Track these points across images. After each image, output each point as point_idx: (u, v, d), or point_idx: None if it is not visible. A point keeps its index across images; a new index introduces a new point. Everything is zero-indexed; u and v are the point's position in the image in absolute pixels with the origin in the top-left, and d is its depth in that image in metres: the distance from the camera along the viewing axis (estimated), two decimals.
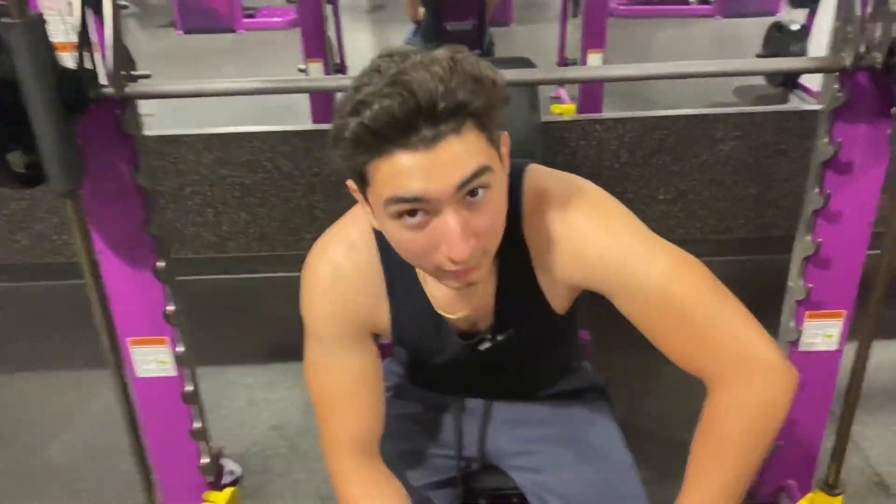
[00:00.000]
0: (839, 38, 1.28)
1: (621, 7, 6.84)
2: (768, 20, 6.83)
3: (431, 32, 3.48)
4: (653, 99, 4.51)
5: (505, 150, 0.83)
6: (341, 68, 4.53)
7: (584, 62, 3.61)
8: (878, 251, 1.40)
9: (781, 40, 4.60)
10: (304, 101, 4.04)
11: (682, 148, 2.78)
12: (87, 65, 1.18)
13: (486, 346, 1.01)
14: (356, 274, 0.96)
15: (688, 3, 7.09)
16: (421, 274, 0.97)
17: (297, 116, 4.32)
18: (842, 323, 1.57)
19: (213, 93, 1.25)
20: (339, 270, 0.96)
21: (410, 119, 0.71)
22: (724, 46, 6.33)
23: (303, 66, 4.26)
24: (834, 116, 1.37)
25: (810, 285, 1.50)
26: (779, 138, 2.75)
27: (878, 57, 1.22)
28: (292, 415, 2.20)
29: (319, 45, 3.57)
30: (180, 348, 1.57)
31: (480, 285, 0.94)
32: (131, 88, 1.25)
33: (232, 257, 2.90)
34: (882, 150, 1.38)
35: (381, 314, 1.00)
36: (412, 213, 0.77)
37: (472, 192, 0.76)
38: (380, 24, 7.04)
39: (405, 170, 0.73)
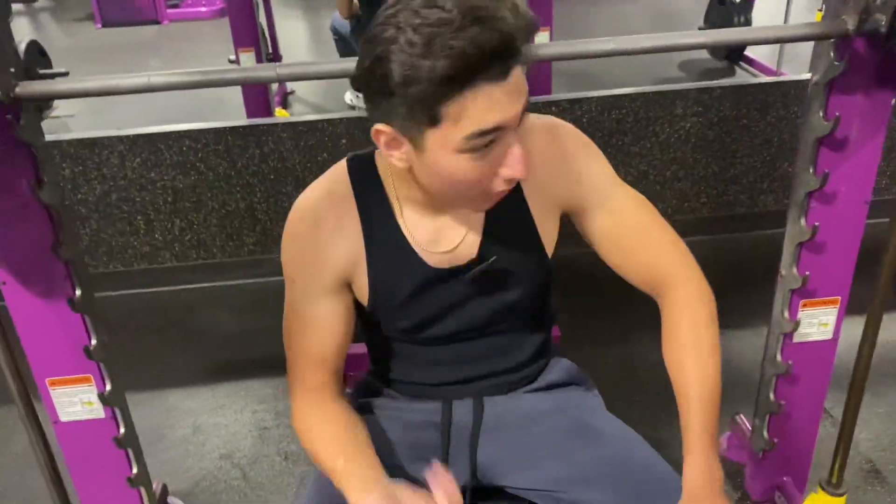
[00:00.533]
0: (837, 3, 1.15)
1: None
2: None
3: (373, 18, 3.27)
4: (599, 78, 4.40)
5: None
6: (274, 58, 4.30)
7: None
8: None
9: (724, 13, 4.54)
10: (236, 95, 3.81)
11: (641, 127, 2.66)
12: None
13: (469, 274, 1.01)
14: (333, 219, 0.99)
15: None
16: (399, 214, 0.99)
17: (229, 112, 4.07)
18: (837, 310, 1.46)
19: (125, 89, 1.05)
20: (316, 217, 0.99)
21: (499, 54, 0.75)
22: (666, 21, 6.27)
23: (233, 57, 4.01)
24: (830, 88, 1.24)
25: (806, 273, 1.38)
26: (739, 112, 2.66)
27: (882, 19, 1.09)
28: (243, 441, 2.00)
29: (251, 34, 3.34)
30: (108, 386, 1.36)
31: (471, 217, 1.00)
32: (23, 89, 1.03)
33: (166, 268, 2.68)
34: (881, 121, 1.26)
35: (358, 261, 1.00)
36: (487, 143, 0.81)
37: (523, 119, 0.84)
38: (312, 10, 6.76)
39: (492, 102, 0.78)
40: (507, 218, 1.00)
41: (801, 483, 1.67)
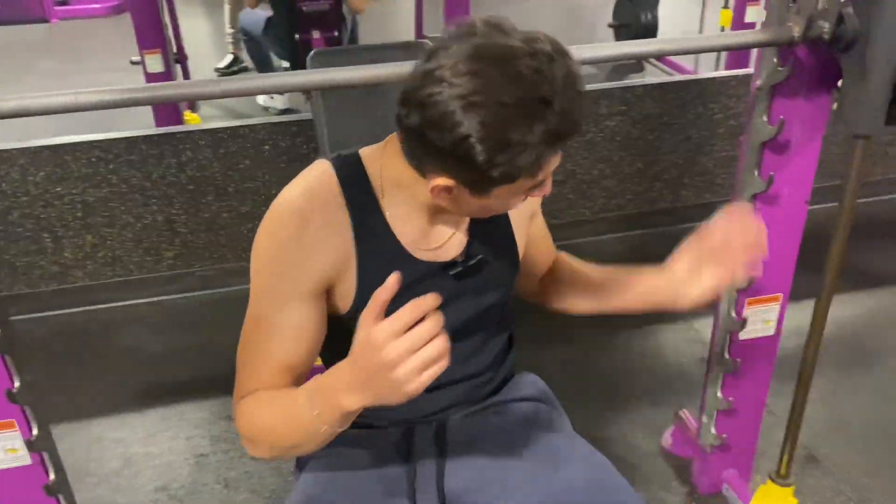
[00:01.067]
0: (780, 8, 1.17)
1: None
2: None
3: (286, 15, 3.16)
4: None
5: None
6: (180, 59, 4.09)
7: None
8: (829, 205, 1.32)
9: (632, 9, 4.65)
10: None
11: None
12: None
13: (457, 269, 1.01)
14: (321, 219, 0.94)
15: None
16: (387, 214, 0.97)
17: (134, 115, 3.85)
18: (779, 306, 1.50)
19: (50, 109, 0.94)
20: (303, 218, 0.93)
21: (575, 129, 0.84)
22: (572, 16, 6.39)
23: (136, 59, 3.79)
24: (773, 92, 1.27)
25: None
26: (661, 110, 2.72)
27: (826, 26, 1.12)
28: (179, 470, 1.88)
29: (156, 35, 3.17)
30: (35, 430, 1.24)
31: (458, 222, 1.03)
32: None
33: (79, 287, 2.50)
34: (821, 124, 1.30)
35: (347, 261, 0.96)
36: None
37: None
38: (214, 7, 6.49)
39: (555, 161, 0.86)
40: (489, 222, 1.03)
41: (746, 474, 1.72)
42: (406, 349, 0.72)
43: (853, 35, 1.10)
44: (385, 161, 0.96)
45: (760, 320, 1.50)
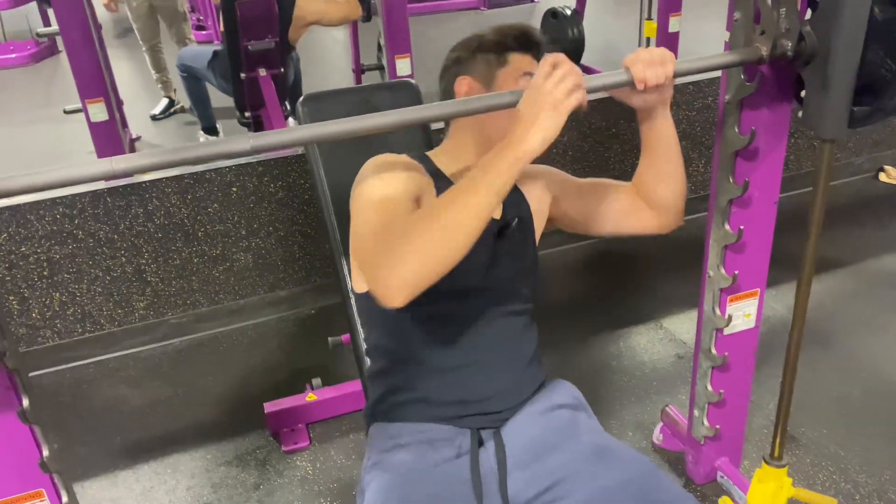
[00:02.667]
0: (745, 31, 1.28)
1: None
2: (528, 7, 7.24)
3: (233, 54, 3.17)
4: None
5: None
6: (118, 104, 4.03)
7: (392, 68, 3.50)
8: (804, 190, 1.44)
9: (558, 25, 4.83)
10: (78, 143, 3.61)
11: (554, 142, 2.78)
12: None
13: (508, 228, 1.28)
14: (405, 162, 1.27)
15: None
16: (449, 173, 1.30)
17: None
18: (757, 300, 1.62)
19: (86, 178, 0.96)
20: (395, 159, 1.26)
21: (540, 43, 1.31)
22: None
23: (70, 108, 3.73)
24: (742, 106, 1.38)
25: (736, 272, 1.52)
26: (608, 123, 2.85)
27: (788, 45, 1.23)
28: None
29: (98, 82, 3.11)
30: (65, 497, 1.23)
31: None
32: None
33: (49, 347, 2.44)
34: (784, 130, 1.42)
35: (428, 187, 1.24)
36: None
37: None
38: (132, 48, 6.38)
39: (530, 63, 1.28)
40: (515, 197, 1.32)
41: (736, 461, 1.83)
42: (558, 77, 1.01)
43: (812, 51, 1.22)
44: (445, 149, 1.36)
45: (742, 315, 1.61)
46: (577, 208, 1.40)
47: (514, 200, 1.33)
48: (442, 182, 1.26)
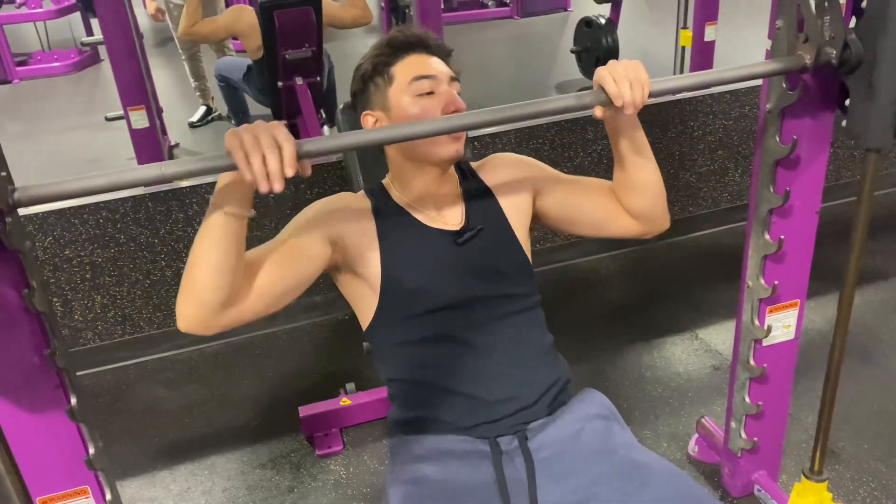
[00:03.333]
0: (788, 39, 1.27)
1: None
2: (561, 16, 7.24)
3: (270, 63, 3.21)
4: (485, 105, 4.53)
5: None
6: (158, 112, 4.12)
7: None
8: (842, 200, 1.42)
9: (592, 34, 4.82)
10: (118, 150, 3.65)
11: (557, 154, 2.78)
12: None
13: (465, 236, 1.28)
14: (353, 206, 1.30)
15: (486, 7, 7.28)
16: (401, 203, 1.31)
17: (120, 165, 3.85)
18: (797, 312, 1.60)
19: (139, 182, 0.98)
20: (336, 199, 1.31)
21: (419, 39, 1.28)
22: (528, 42, 6.57)
23: (112, 115, 3.81)
24: (784, 115, 1.37)
25: (775, 282, 1.50)
26: (644, 130, 2.82)
27: (833, 53, 1.22)
28: None
29: (140, 91, 3.18)
30: (109, 495, 1.26)
31: (455, 199, 1.33)
32: (23, 194, 0.95)
33: (90, 348, 2.49)
34: (826, 139, 1.40)
35: (368, 232, 1.26)
36: (428, 90, 1.24)
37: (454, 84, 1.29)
38: (171, 57, 6.51)
39: (421, 62, 1.26)
40: (482, 204, 1.33)
41: (774, 474, 1.80)
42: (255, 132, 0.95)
43: (858, 59, 1.21)
44: (391, 175, 1.35)
45: (781, 326, 1.59)
46: (559, 207, 1.37)
47: (480, 206, 1.33)
48: (392, 212, 1.29)
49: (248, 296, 1.09)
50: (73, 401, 1.17)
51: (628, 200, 1.31)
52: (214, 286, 1.03)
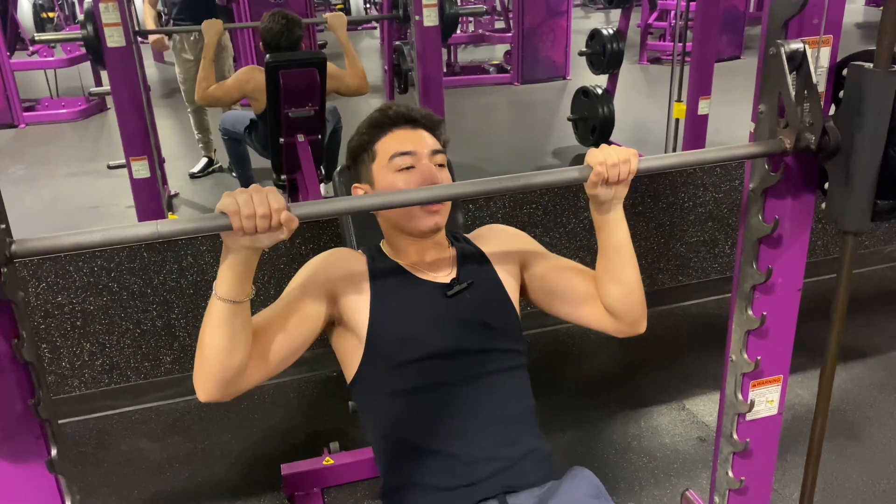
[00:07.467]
0: (769, 123, 1.32)
1: None
2: (559, 84, 7.41)
3: (273, 119, 3.29)
4: (483, 168, 4.61)
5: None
6: (160, 162, 4.18)
7: None
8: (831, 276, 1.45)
9: (589, 104, 4.94)
10: (119, 197, 3.68)
11: (550, 219, 2.83)
12: None
13: (455, 289, 1.33)
14: (350, 260, 1.36)
15: (487, 72, 7.46)
16: (396, 259, 1.37)
17: (110, 222, 3.89)
18: (780, 387, 1.61)
19: (132, 240, 1.01)
20: (334, 254, 1.38)
21: (402, 115, 1.37)
22: (526, 109, 6.71)
23: (114, 163, 3.87)
24: (767, 194, 1.41)
25: (758, 357, 1.52)
26: (634, 200, 2.89)
27: (812, 139, 1.27)
28: None
29: (144, 141, 3.24)
30: None
31: (447, 260, 1.38)
32: (20, 246, 0.98)
33: (76, 396, 2.48)
34: (808, 219, 1.44)
35: (362, 295, 1.30)
36: (407, 165, 1.32)
37: (439, 165, 1.34)
38: (175, 108, 6.64)
39: (403, 138, 1.35)
40: (474, 264, 1.39)
41: None
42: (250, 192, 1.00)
43: (835, 146, 1.26)
44: (384, 240, 1.42)
45: (765, 401, 1.60)
46: (540, 282, 1.41)
47: (472, 265, 1.39)
48: (387, 267, 1.35)
49: (260, 361, 1.17)
50: (54, 452, 1.17)
51: (604, 290, 1.33)
52: (225, 365, 1.11)
